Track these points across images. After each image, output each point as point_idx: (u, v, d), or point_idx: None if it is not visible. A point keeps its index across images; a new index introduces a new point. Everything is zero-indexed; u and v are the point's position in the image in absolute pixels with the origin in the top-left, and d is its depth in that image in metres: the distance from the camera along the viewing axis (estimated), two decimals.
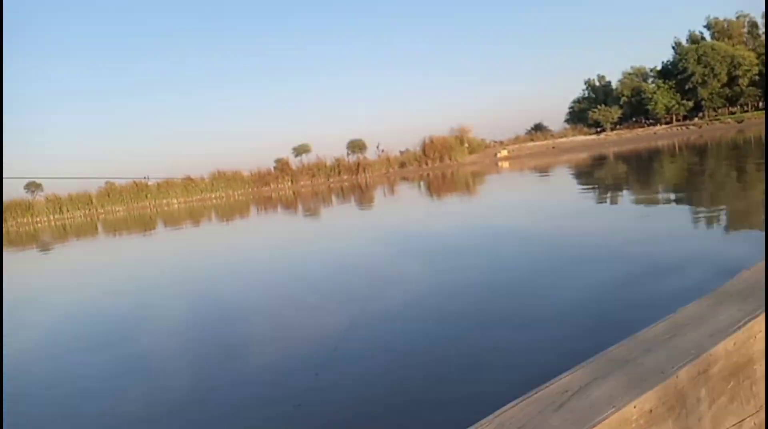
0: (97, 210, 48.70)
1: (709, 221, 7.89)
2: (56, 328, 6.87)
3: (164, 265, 12.02)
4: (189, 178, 49.88)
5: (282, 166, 53.91)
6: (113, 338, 5.88)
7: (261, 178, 52.07)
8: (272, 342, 4.95)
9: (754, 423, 1.80)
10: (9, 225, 45.91)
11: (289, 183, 51.36)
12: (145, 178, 48.95)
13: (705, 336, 1.73)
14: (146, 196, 49.28)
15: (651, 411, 1.43)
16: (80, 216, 47.49)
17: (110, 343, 5.70)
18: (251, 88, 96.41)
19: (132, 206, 48.96)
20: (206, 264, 10.94)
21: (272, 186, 51.22)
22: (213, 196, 49.85)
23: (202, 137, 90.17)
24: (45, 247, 21.64)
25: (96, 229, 30.00)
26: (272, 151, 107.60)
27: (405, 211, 17.55)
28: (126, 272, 11.35)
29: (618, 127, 59.47)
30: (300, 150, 57.79)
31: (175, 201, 48.95)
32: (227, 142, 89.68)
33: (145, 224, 28.54)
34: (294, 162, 55.22)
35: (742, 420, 1.76)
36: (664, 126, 55.02)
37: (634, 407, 1.38)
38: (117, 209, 48.59)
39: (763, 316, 1.83)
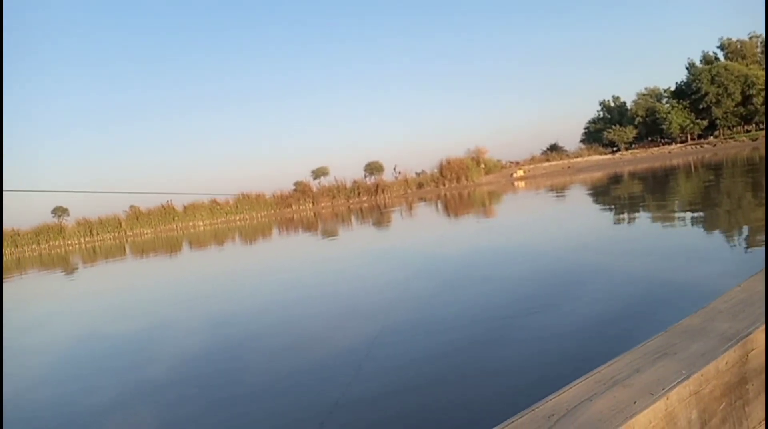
0: (125, 232, 50.50)
1: (727, 235, 8.61)
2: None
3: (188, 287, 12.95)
4: (215, 201, 51.54)
5: (303, 188, 55.27)
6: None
7: (283, 200, 53.45)
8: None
9: None
10: (42, 247, 48.00)
11: (310, 205, 52.58)
12: (168, 201, 50.87)
13: (696, 355, 1.69)
14: (173, 219, 51.02)
15: None
16: (110, 238, 49.27)
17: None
18: (270, 110, 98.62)
19: (160, 229, 50.65)
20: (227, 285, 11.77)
21: (294, 208, 52.46)
22: (237, 217, 51.27)
23: (223, 160, 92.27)
24: (73, 269, 22.82)
25: (124, 250, 31.23)
26: (291, 174, 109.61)
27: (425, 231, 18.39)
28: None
29: (633, 146, 59.99)
30: (319, 173, 59.31)
31: (201, 223, 50.52)
32: (247, 165, 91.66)
33: (172, 246, 29.68)
34: (313, 184, 56.67)
35: None
36: (679, 145, 55.42)
37: None
38: (145, 232, 50.27)
39: (756, 334, 1.79)
